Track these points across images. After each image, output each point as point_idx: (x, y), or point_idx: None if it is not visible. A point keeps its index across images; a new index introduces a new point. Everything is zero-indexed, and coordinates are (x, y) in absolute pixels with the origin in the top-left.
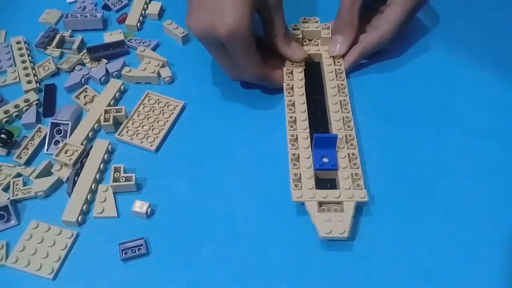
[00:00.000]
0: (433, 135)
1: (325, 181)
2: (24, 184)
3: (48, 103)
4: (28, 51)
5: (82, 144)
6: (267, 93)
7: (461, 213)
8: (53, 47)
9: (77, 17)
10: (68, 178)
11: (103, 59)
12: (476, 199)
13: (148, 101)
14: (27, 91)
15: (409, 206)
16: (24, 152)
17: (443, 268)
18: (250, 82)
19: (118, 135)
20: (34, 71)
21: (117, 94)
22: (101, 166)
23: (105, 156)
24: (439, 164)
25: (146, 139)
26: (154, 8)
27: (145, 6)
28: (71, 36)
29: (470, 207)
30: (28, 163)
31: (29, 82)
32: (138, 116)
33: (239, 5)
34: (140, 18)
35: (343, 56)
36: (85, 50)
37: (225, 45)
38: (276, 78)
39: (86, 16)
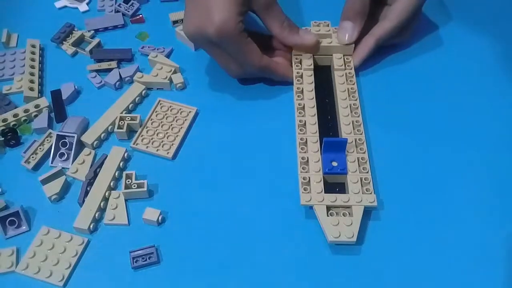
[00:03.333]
0: (443, 141)
1: (334, 185)
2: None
3: (58, 109)
4: (40, 58)
5: (92, 144)
6: (278, 98)
7: (469, 218)
8: (69, 44)
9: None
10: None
11: (112, 63)
12: (485, 205)
13: (161, 108)
14: (26, 98)
15: (417, 211)
16: (32, 157)
17: (451, 273)
18: (254, 78)
19: (134, 144)
20: (40, 80)
21: (137, 99)
22: (116, 174)
23: (121, 164)
24: (449, 170)
25: (162, 146)
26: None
27: None
28: (92, 37)
29: (479, 212)
30: (36, 168)
31: (31, 89)
32: (152, 124)
33: (226, 5)
34: None
35: (354, 44)
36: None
37: (217, 43)
38: (280, 70)
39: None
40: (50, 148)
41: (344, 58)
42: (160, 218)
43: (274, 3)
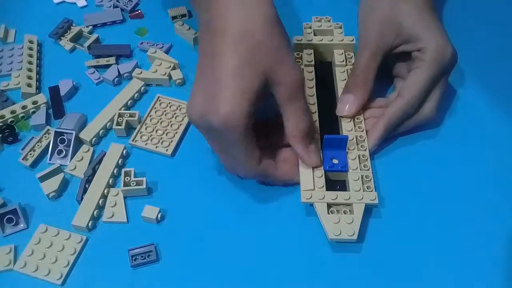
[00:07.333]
0: (445, 138)
1: (335, 183)
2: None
3: (56, 105)
4: (38, 54)
5: (91, 141)
6: None
7: (470, 216)
8: (67, 40)
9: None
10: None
11: (110, 59)
12: (486, 203)
13: (160, 105)
14: (24, 94)
15: (418, 209)
16: (30, 154)
17: (450, 271)
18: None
19: (132, 141)
20: (37, 76)
21: (135, 95)
22: (115, 171)
23: (120, 161)
24: (451, 167)
25: (161, 143)
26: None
27: None
28: (90, 32)
29: (480, 210)
30: (34, 165)
31: (29, 85)
32: (150, 121)
33: (237, 95)
34: None
35: (352, 116)
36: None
37: (218, 135)
38: (280, 175)
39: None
40: (48, 145)
41: (345, 54)
42: (159, 215)
43: (299, 96)
